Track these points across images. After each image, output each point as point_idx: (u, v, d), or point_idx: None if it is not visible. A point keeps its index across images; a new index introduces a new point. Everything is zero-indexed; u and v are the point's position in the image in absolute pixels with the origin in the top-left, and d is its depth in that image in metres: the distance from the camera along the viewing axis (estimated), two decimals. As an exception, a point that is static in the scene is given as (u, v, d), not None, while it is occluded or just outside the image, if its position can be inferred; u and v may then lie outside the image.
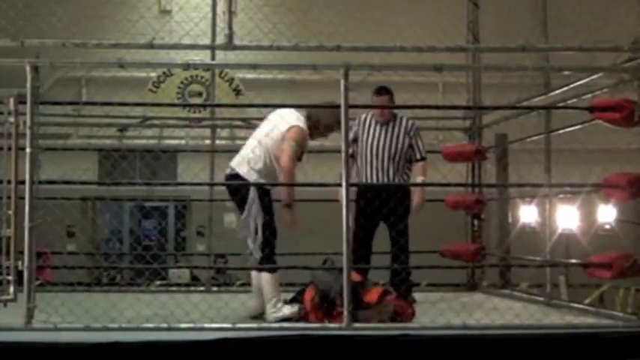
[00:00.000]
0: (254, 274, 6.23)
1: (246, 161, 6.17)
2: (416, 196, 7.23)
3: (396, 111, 7.34)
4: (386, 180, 7.18)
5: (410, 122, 7.32)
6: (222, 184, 6.52)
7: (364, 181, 7.24)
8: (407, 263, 7.15)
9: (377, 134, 7.25)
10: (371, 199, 6.99)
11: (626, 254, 5.87)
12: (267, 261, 6.00)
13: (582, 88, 6.66)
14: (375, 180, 7.21)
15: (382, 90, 7.24)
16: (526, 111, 7.52)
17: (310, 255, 7.49)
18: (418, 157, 7.28)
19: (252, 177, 6.10)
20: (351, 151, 7.32)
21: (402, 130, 7.25)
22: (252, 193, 6.02)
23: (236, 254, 7.98)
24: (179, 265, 11.54)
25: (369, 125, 7.29)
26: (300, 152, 6.10)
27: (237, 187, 6.15)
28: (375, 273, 7.06)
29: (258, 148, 6.15)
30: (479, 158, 8.20)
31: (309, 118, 6.23)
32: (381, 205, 6.92)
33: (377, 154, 7.22)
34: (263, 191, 6.05)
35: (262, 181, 6.07)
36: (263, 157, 6.12)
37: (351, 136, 7.35)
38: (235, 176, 6.20)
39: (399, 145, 7.22)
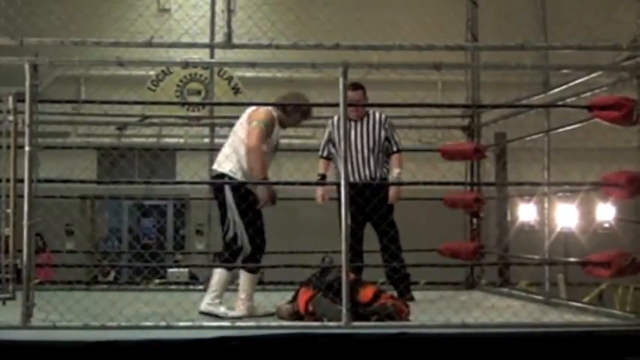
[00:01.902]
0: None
1: (224, 160, 6.23)
2: (392, 188, 7.25)
3: (368, 107, 7.35)
4: (368, 173, 7.22)
5: (383, 116, 7.36)
6: (206, 183, 6.50)
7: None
8: (399, 259, 7.15)
9: (353, 130, 7.26)
10: (354, 197, 6.98)
11: (625, 253, 5.87)
12: (252, 259, 6.02)
13: (581, 86, 6.65)
14: (357, 175, 7.22)
15: (356, 85, 7.23)
16: (525, 109, 7.52)
17: (309, 253, 7.52)
18: (394, 149, 7.32)
19: (229, 172, 6.15)
20: (326, 153, 7.37)
21: (377, 123, 7.30)
22: (229, 193, 6.06)
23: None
24: (178, 264, 11.54)
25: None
26: (267, 132, 6.10)
27: (217, 187, 6.20)
28: (369, 272, 7.09)
29: (228, 147, 6.27)
30: (478, 157, 8.19)
31: (278, 108, 6.31)
32: (365, 202, 6.90)
33: (356, 149, 7.24)
34: (243, 191, 6.06)
35: (239, 175, 6.09)
36: (235, 155, 6.17)
37: (325, 137, 7.41)
38: (218, 176, 6.23)
39: (376, 138, 7.26)
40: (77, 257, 10.97)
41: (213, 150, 11.92)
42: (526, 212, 8.89)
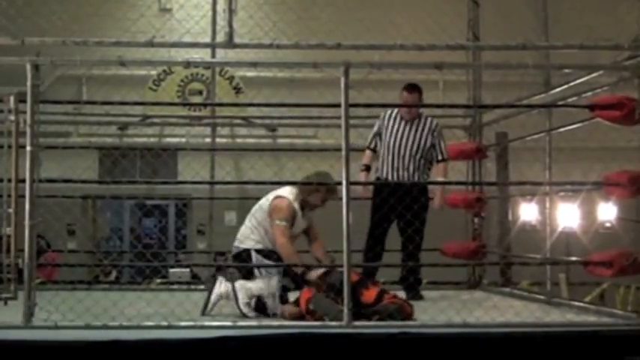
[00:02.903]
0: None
1: (245, 237, 6.36)
2: (436, 196, 7.31)
3: (421, 110, 7.37)
4: (405, 176, 7.23)
5: (434, 122, 7.37)
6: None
7: (384, 176, 7.28)
8: (418, 261, 7.20)
9: (401, 130, 7.28)
10: (387, 196, 6.99)
11: (627, 252, 5.88)
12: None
13: (583, 86, 6.65)
14: (394, 176, 7.25)
15: (413, 87, 7.27)
16: (526, 109, 7.52)
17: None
18: (440, 157, 7.33)
19: (252, 245, 6.30)
20: (373, 144, 7.37)
21: (427, 129, 7.30)
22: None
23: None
24: (179, 264, 11.53)
25: (394, 121, 7.33)
26: (289, 227, 6.22)
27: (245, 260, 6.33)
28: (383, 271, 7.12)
29: (247, 228, 6.37)
30: (479, 156, 8.20)
31: (300, 190, 6.33)
32: (397, 203, 6.91)
33: (399, 150, 7.25)
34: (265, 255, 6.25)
35: (260, 245, 6.25)
36: (257, 228, 6.30)
37: (374, 129, 7.40)
38: (242, 252, 6.36)
39: (422, 144, 7.25)
40: (79, 257, 10.96)
41: (215, 150, 11.99)
42: (527, 212, 8.89)
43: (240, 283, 6.12)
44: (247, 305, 6.04)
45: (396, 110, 7.36)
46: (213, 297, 6.14)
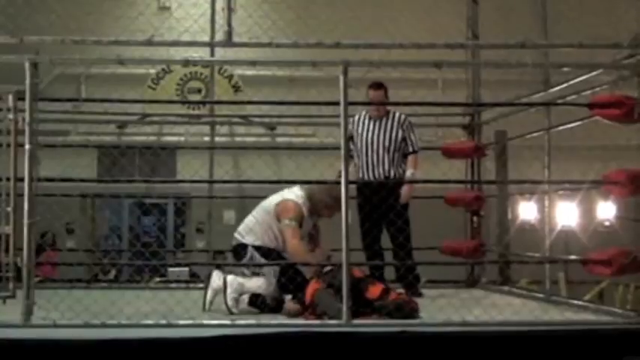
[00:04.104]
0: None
1: (246, 231, 6.33)
2: (404, 186, 7.27)
3: (389, 107, 7.37)
4: (381, 172, 7.28)
5: (403, 116, 7.41)
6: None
7: (361, 175, 7.32)
8: (410, 258, 7.19)
9: (371, 129, 7.34)
10: (368, 196, 7.07)
11: (626, 251, 5.87)
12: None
13: (582, 84, 6.65)
14: (371, 173, 7.30)
15: (378, 85, 7.30)
16: (525, 108, 7.52)
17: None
18: (410, 149, 7.36)
19: (252, 241, 6.28)
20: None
21: (396, 123, 7.35)
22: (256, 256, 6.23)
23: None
24: (178, 263, 11.54)
25: (364, 122, 7.40)
26: (299, 227, 6.18)
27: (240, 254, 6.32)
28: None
29: (251, 223, 6.33)
30: (478, 155, 8.19)
31: (309, 199, 6.28)
32: (379, 201, 6.96)
33: (372, 147, 7.31)
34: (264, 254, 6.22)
35: (259, 242, 6.23)
36: (260, 225, 6.27)
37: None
38: (240, 245, 6.34)
39: (393, 137, 7.30)
40: (78, 255, 10.97)
41: (214, 148, 11.99)
42: (527, 210, 8.89)
43: (231, 278, 6.11)
44: (234, 300, 6.03)
45: (364, 112, 7.42)
46: (209, 293, 6.15)
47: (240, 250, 6.30)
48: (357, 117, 7.41)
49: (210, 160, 11.93)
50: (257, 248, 6.22)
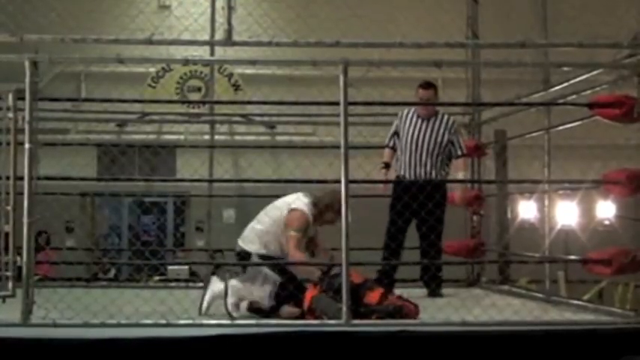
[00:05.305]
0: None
1: (251, 239, 6.24)
2: (458, 191, 7.41)
3: (438, 107, 7.41)
4: (422, 173, 7.26)
5: (451, 119, 7.42)
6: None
7: (402, 174, 7.32)
8: (438, 259, 7.24)
9: (418, 128, 7.33)
10: (403, 194, 6.98)
11: (625, 250, 5.87)
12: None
13: (582, 84, 6.65)
14: (411, 173, 7.28)
15: (428, 84, 7.34)
16: (525, 107, 7.52)
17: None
18: (459, 153, 7.36)
19: (256, 249, 6.20)
20: (391, 143, 7.39)
21: (443, 125, 7.33)
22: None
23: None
24: (177, 262, 11.53)
25: (411, 119, 7.38)
26: (302, 238, 6.13)
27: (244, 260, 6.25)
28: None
29: (258, 224, 6.24)
30: (478, 154, 8.20)
31: (315, 205, 6.24)
32: (414, 200, 6.88)
33: (416, 148, 7.30)
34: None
35: (264, 251, 6.16)
36: (266, 233, 6.19)
37: (392, 129, 7.44)
38: (244, 252, 6.26)
39: (439, 140, 7.30)
40: (77, 254, 10.96)
41: (213, 147, 11.98)
42: (526, 210, 8.88)
43: (233, 283, 6.09)
44: (235, 306, 6.01)
45: (413, 109, 7.39)
46: (207, 296, 6.13)
47: (244, 256, 6.26)
48: (405, 112, 7.39)
49: (209, 158, 11.92)
50: (261, 257, 6.18)
